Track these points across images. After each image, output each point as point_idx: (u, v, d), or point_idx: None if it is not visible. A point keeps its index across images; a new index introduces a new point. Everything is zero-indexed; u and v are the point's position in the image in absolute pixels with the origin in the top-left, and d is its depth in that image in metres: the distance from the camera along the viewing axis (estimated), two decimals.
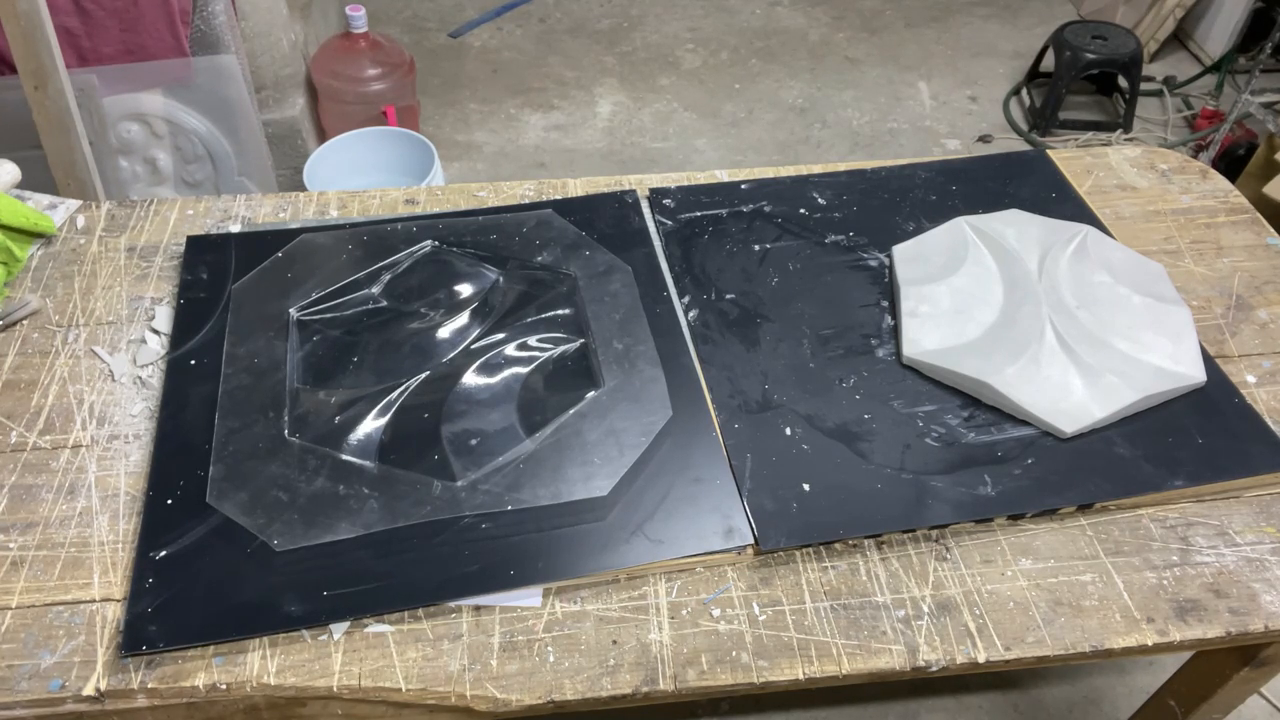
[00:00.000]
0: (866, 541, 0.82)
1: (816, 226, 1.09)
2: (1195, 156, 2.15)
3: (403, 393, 0.90)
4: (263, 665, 0.72)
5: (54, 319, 0.98)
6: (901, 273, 1.01)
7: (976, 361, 0.91)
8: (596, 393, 0.90)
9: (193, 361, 0.92)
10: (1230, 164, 2.21)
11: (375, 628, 0.75)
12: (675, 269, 1.03)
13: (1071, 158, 1.21)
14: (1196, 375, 0.91)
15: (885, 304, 1.00)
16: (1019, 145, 2.44)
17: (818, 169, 1.17)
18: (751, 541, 0.79)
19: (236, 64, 1.81)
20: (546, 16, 2.85)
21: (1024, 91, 2.58)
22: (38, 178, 1.27)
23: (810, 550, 0.81)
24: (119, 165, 1.84)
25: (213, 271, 1.01)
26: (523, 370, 0.92)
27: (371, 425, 0.87)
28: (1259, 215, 1.14)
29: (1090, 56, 2.33)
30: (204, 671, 0.72)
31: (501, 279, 1.01)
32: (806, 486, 0.83)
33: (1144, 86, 2.47)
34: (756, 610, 0.77)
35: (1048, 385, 0.89)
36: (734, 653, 0.74)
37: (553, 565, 0.77)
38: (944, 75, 2.65)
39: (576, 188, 1.14)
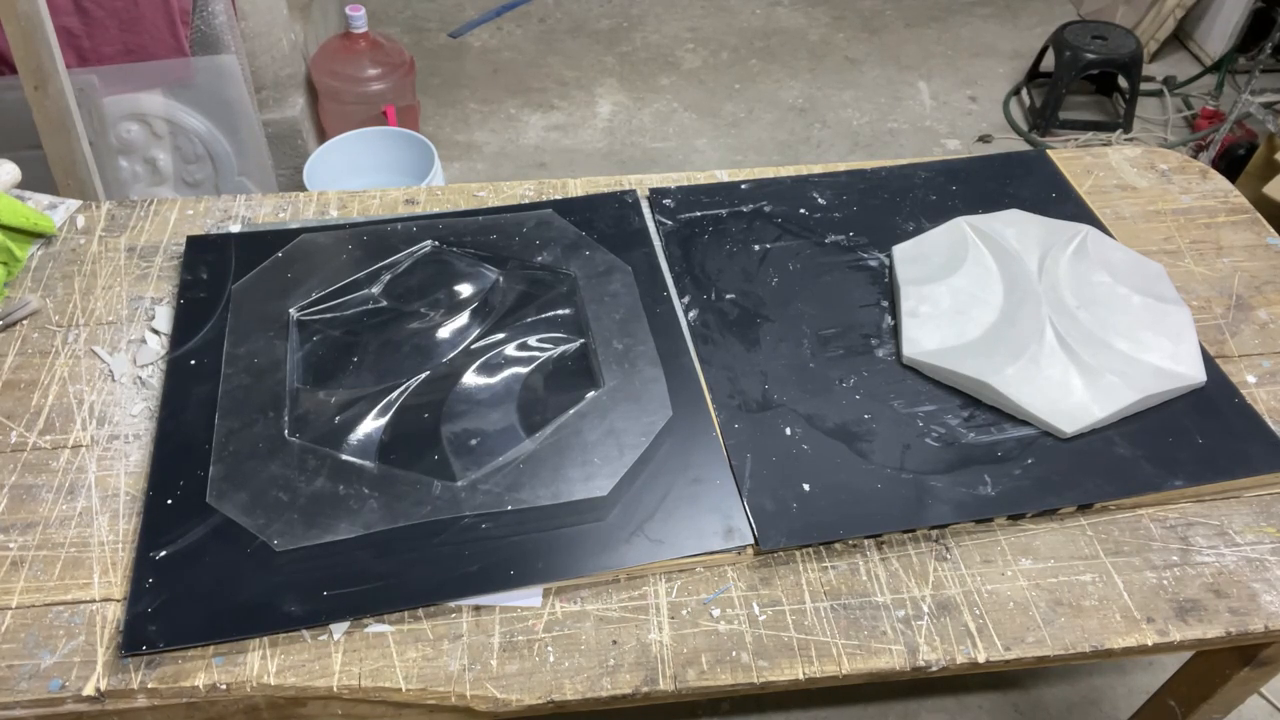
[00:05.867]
0: (866, 541, 0.82)
1: (816, 226, 1.09)
2: (1195, 156, 2.15)
3: (403, 393, 0.90)
4: (263, 665, 0.73)
5: (54, 319, 0.98)
6: (901, 273, 1.01)
7: (976, 361, 0.91)
8: (596, 393, 0.90)
9: (193, 361, 0.92)
10: (1230, 164, 2.21)
11: (375, 628, 0.75)
12: (675, 269, 1.03)
13: (1071, 158, 1.21)
14: (1196, 375, 0.91)
15: (885, 304, 1.00)
16: (1019, 145, 2.44)
17: (818, 169, 1.17)
18: (751, 541, 0.79)
19: (236, 64, 1.81)
20: (546, 16, 2.85)
21: (1024, 91, 2.58)
22: (38, 178, 1.27)
23: (810, 550, 0.81)
24: (119, 165, 1.84)
25: (213, 271, 1.01)
26: (523, 370, 0.92)
27: (371, 425, 0.87)
28: (1259, 215, 1.14)
29: (1090, 56, 2.33)
30: (204, 671, 0.72)
31: (501, 279, 1.01)
32: (806, 486, 0.83)
33: (1144, 86, 2.47)
34: (756, 610, 0.77)
35: (1048, 385, 0.89)
36: (734, 653, 0.74)
37: (553, 565, 0.77)
38: (944, 75, 2.65)
39: (576, 188, 1.14)
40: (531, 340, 0.95)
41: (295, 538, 0.78)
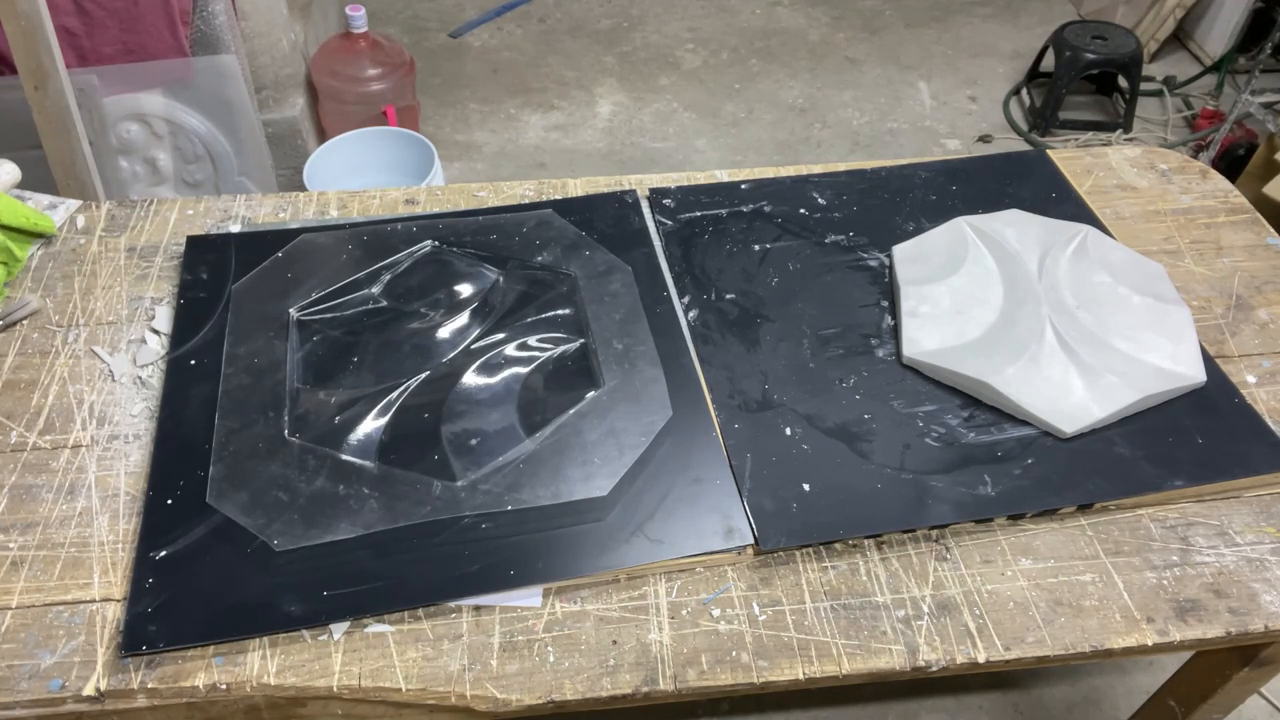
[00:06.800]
0: (866, 541, 0.82)
1: (816, 226, 1.09)
2: (1195, 156, 2.15)
3: (403, 393, 0.90)
4: (263, 665, 0.73)
5: (54, 319, 0.98)
6: (901, 273, 1.01)
7: (976, 361, 0.91)
8: (596, 393, 0.90)
9: (193, 361, 0.92)
10: (1230, 164, 2.21)
11: (375, 628, 0.75)
12: (675, 269, 1.03)
13: (1071, 158, 1.21)
14: (1196, 375, 0.91)
15: (885, 304, 1.00)
16: (1019, 145, 2.44)
17: (818, 169, 1.17)
18: (751, 541, 0.79)
19: (236, 64, 1.81)
20: (546, 16, 2.85)
21: (1024, 91, 2.58)
22: (38, 178, 1.27)
23: (810, 550, 0.81)
24: (119, 165, 1.84)
25: (213, 271, 1.01)
26: (523, 370, 0.92)
27: (371, 425, 0.87)
28: (1259, 215, 1.14)
29: (1090, 56, 2.33)
30: (204, 671, 0.72)
31: (501, 279, 1.01)
32: (806, 486, 0.83)
33: (1144, 86, 2.47)
34: (756, 610, 0.77)
35: (1048, 385, 0.89)
36: (734, 653, 0.74)
37: (553, 565, 0.77)
38: (944, 75, 2.65)
39: (576, 188, 1.14)
40: (531, 340, 0.95)
41: (295, 538, 0.78)
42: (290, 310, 0.97)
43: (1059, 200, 1.13)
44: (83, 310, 0.99)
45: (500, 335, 0.95)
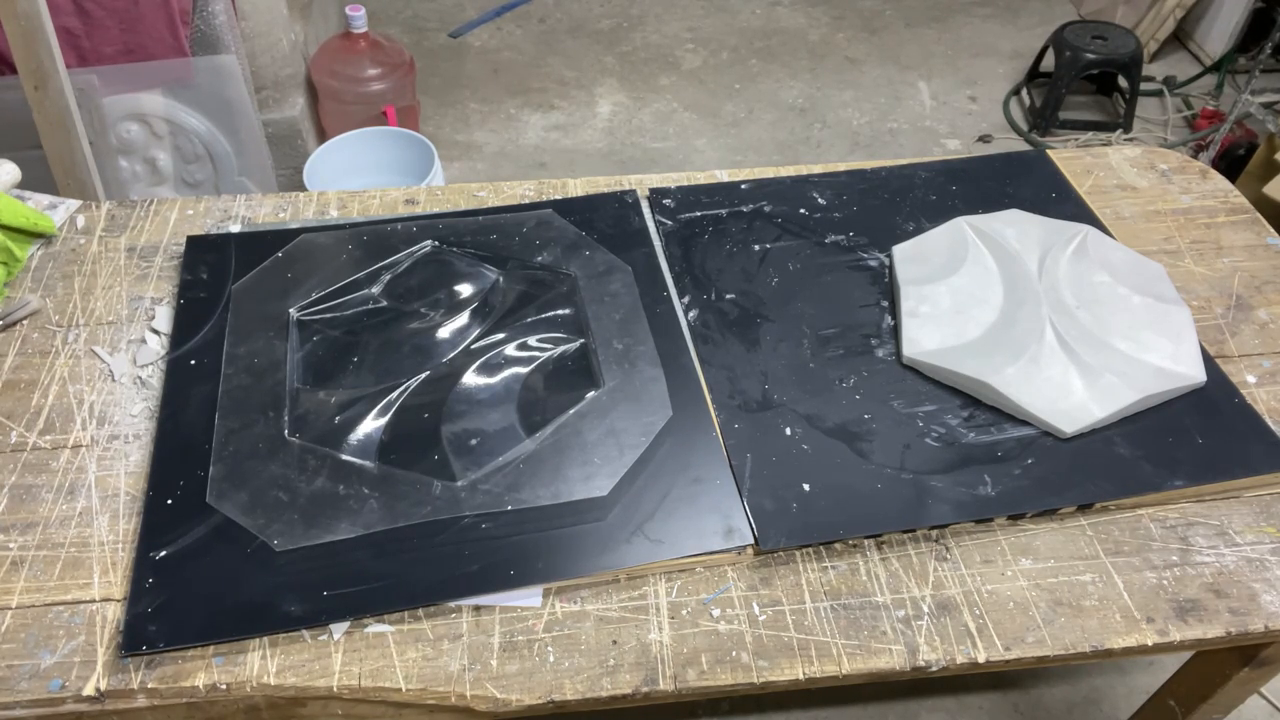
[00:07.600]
0: (866, 541, 0.82)
1: (816, 226, 1.09)
2: (1195, 156, 2.15)
3: (403, 393, 0.90)
4: (263, 665, 0.73)
5: (54, 319, 0.98)
6: (901, 273, 1.01)
7: (976, 361, 0.91)
8: (596, 393, 0.90)
9: (193, 361, 0.92)
10: (1230, 164, 2.21)
11: (375, 628, 0.75)
12: (675, 269, 1.03)
13: (1071, 158, 1.21)
14: (1196, 375, 0.91)
15: (885, 304, 1.00)
16: (1019, 145, 2.44)
17: (818, 169, 1.17)
18: (751, 541, 0.79)
19: (236, 64, 1.81)
20: (546, 16, 2.85)
21: (1024, 91, 2.58)
22: (38, 178, 1.27)
23: (810, 550, 0.81)
24: (119, 165, 1.84)
25: (213, 271, 1.01)
26: (523, 370, 0.92)
27: (371, 425, 0.87)
28: (1259, 215, 1.14)
29: (1090, 56, 2.33)
30: (204, 671, 0.72)
31: (501, 279, 1.01)
32: (806, 486, 0.83)
33: (1144, 86, 2.47)
34: (756, 610, 0.77)
35: (1048, 385, 0.89)
36: (734, 653, 0.74)
37: (553, 565, 0.77)
38: (944, 75, 2.65)
39: (576, 188, 1.14)
40: (531, 340, 0.95)
41: (295, 538, 0.78)
42: (290, 310, 0.97)
43: (1059, 200, 1.13)
44: (83, 310, 0.99)
45: (500, 335, 0.95)
